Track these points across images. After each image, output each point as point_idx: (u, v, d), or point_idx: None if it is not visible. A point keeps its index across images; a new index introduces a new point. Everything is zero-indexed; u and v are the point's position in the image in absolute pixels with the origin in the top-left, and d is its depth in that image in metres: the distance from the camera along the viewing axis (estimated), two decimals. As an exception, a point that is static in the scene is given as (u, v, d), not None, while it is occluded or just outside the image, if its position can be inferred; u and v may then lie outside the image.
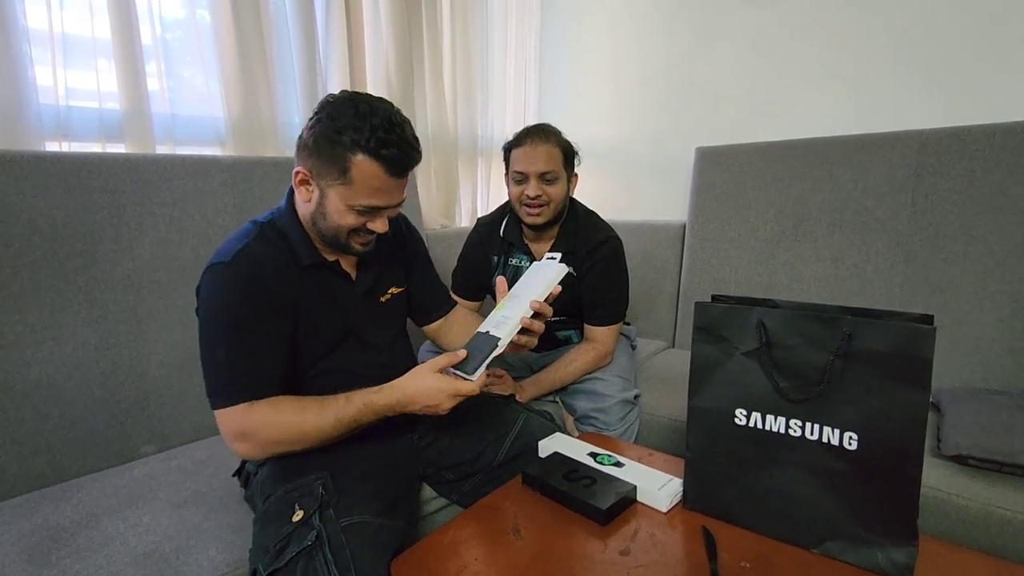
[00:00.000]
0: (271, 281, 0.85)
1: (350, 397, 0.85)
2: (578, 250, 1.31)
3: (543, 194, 1.24)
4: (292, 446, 0.84)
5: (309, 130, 0.84)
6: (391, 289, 1.04)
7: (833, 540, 0.73)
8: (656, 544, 0.77)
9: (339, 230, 0.87)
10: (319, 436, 0.84)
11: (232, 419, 0.82)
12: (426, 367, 0.85)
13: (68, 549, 0.81)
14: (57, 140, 1.17)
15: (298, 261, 0.89)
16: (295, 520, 0.75)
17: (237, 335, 0.82)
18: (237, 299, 0.82)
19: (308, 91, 1.57)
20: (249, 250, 0.84)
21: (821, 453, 0.74)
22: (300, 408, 0.83)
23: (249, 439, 0.82)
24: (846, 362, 0.72)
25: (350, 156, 0.81)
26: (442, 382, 0.83)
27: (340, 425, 0.83)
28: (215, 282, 0.83)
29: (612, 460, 0.95)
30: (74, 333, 1.07)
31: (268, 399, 0.83)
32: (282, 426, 0.82)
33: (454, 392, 0.83)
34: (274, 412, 0.82)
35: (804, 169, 1.56)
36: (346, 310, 0.95)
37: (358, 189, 0.83)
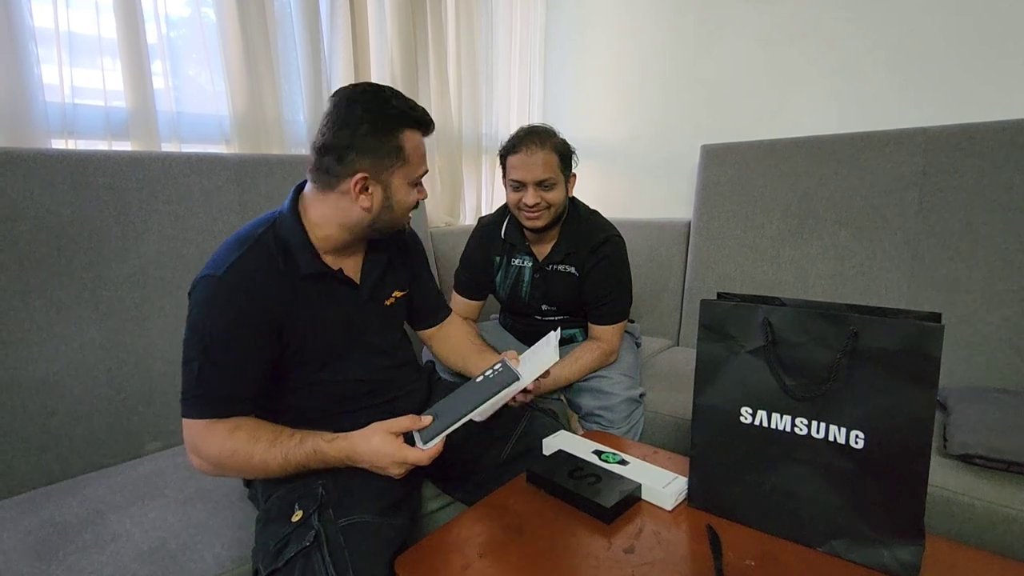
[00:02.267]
0: (260, 298, 0.82)
1: (303, 439, 0.82)
2: (580, 249, 1.31)
3: (542, 200, 1.23)
4: (240, 473, 0.85)
5: (342, 132, 0.83)
6: (395, 293, 1.04)
7: (839, 539, 0.73)
8: (661, 542, 0.77)
9: (405, 212, 0.93)
10: (263, 470, 0.81)
11: (191, 431, 0.81)
12: (382, 427, 0.82)
13: (75, 545, 0.82)
14: (63, 138, 1.18)
15: (296, 271, 0.87)
16: (294, 520, 0.75)
17: (212, 351, 0.80)
18: (220, 316, 0.81)
19: (313, 89, 1.57)
20: (242, 264, 0.82)
21: (827, 452, 0.73)
22: (253, 439, 0.81)
23: (200, 456, 0.81)
24: (853, 360, 0.71)
25: (399, 135, 0.86)
26: (389, 446, 0.80)
27: (287, 465, 0.81)
28: (203, 293, 0.81)
29: (617, 458, 0.94)
30: (80, 330, 1.07)
31: (230, 420, 0.82)
32: (230, 452, 0.80)
33: (400, 459, 0.79)
34: (227, 435, 0.80)
35: (810, 167, 1.56)
36: (351, 316, 0.95)
37: (413, 161, 0.89)
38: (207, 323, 0.81)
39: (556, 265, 1.34)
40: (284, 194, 1.35)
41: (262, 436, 0.81)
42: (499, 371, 0.89)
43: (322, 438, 0.82)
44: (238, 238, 0.87)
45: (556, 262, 1.33)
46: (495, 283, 1.42)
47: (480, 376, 0.91)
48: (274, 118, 1.49)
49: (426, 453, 0.80)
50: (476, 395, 0.86)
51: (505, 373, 0.88)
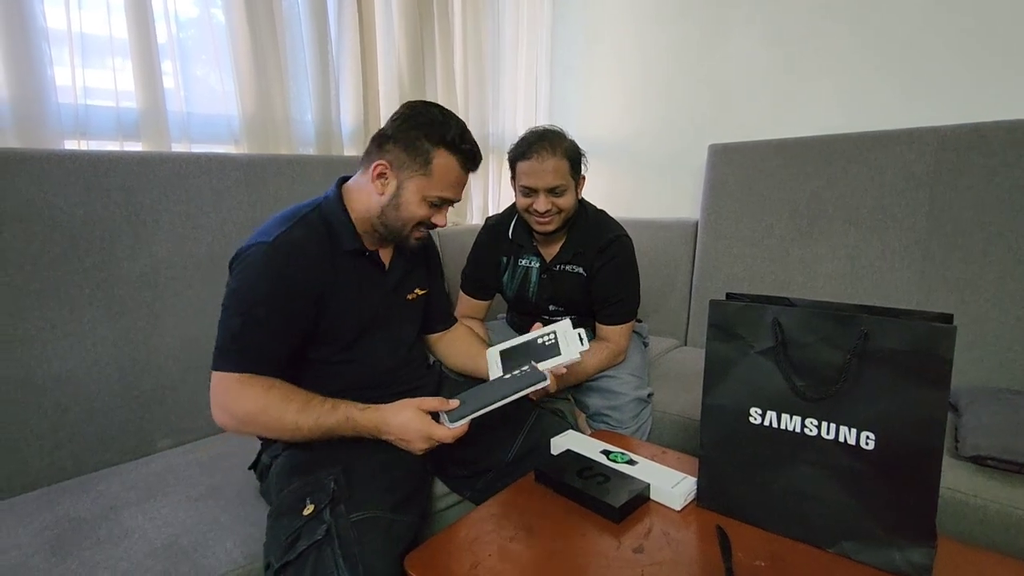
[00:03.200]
0: (305, 268, 0.88)
1: (336, 405, 0.87)
2: (588, 250, 1.31)
3: (553, 206, 1.23)
4: (265, 432, 0.88)
5: (393, 124, 0.93)
6: (416, 289, 1.09)
7: (849, 540, 0.73)
8: (670, 542, 0.77)
9: (409, 221, 0.94)
10: (293, 432, 0.85)
11: (223, 385, 0.85)
12: (413, 402, 0.88)
13: (89, 541, 0.83)
14: (76, 139, 1.19)
15: (338, 246, 0.93)
16: (306, 514, 0.76)
17: (257, 311, 0.85)
18: (268, 279, 0.86)
19: (320, 89, 1.58)
20: (291, 234, 0.88)
21: (837, 453, 0.73)
22: (286, 398, 0.85)
23: (229, 411, 0.85)
24: (863, 361, 0.71)
25: (434, 149, 0.91)
26: (419, 421, 0.86)
27: (317, 429, 0.85)
28: (253, 259, 0.86)
29: (625, 458, 0.95)
30: (93, 329, 1.08)
31: (264, 378, 0.86)
32: (262, 408, 0.84)
33: (427, 434, 0.85)
34: (262, 392, 0.85)
35: (819, 166, 1.55)
36: (375, 301, 0.99)
37: (436, 180, 0.92)
38: (255, 284, 0.86)
39: (564, 265, 1.34)
40: (293, 193, 1.37)
41: (295, 398, 0.86)
42: (527, 371, 0.95)
43: (354, 406, 0.87)
44: (284, 215, 0.92)
45: (564, 262, 1.33)
46: (502, 283, 1.42)
47: (508, 374, 0.96)
48: (282, 118, 1.50)
49: (452, 432, 0.85)
50: (505, 388, 0.91)
51: (533, 373, 0.94)
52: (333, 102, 1.61)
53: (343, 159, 1.57)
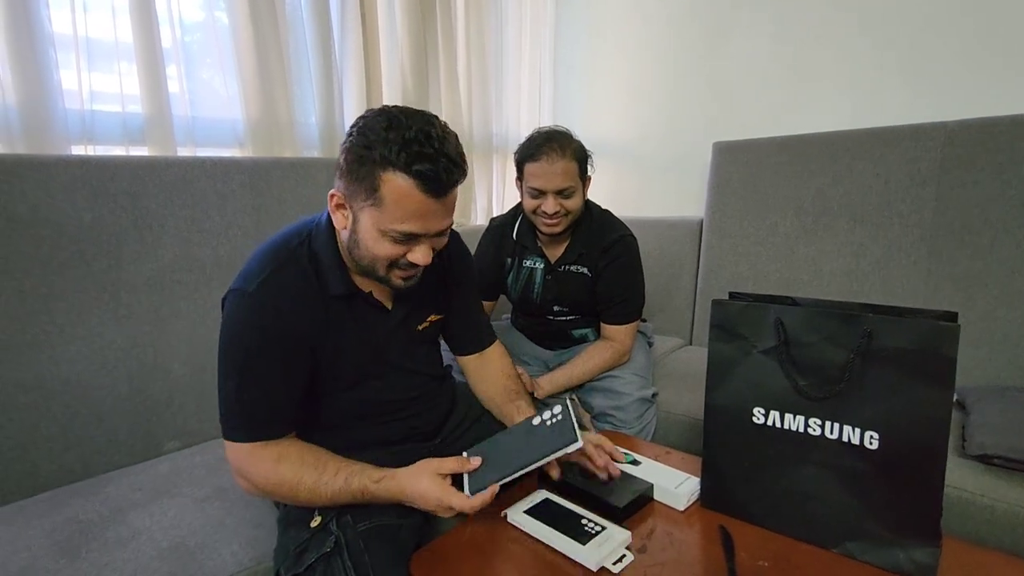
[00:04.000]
0: (292, 317, 0.79)
1: (349, 480, 0.78)
2: (593, 249, 1.30)
3: (561, 208, 1.22)
4: (284, 500, 0.81)
5: (341, 149, 0.77)
6: (430, 317, 0.97)
7: (853, 540, 0.72)
8: (673, 542, 0.77)
9: (375, 260, 0.78)
10: (308, 502, 0.79)
11: (236, 454, 0.79)
12: (430, 468, 0.78)
13: (97, 543, 0.84)
14: (82, 144, 1.20)
15: (327, 289, 0.82)
16: (313, 526, 0.76)
17: (248, 370, 0.78)
18: (253, 331, 0.78)
19: (324, 91, 1.58)
20: (274, 279, 0.78)
21: (841, 452, 0.73)
22: (298, 471, 0.78)
23: (247, 479, 0.80)
24: (867, 360, 0.71)
25: (379, 173, 0.72)
26: (437, 490, 0.76)
27: (335, 503, 0.78)
28: (233, 312, 0.79)
29: (629, 458, 0.95)
30: (101, 333, 1.09)
31: (275, 446, 0.79)
32: (276, 483, 0.78)
33: (447, 505, 0.75)
34: (272, 466, 0.78)
35: (824, 163, 1.54)
36: (378, 342, 0.89)
37: (390, 211, 0.74)
38: (239, 340, 0.78)
39: (568, 266, 1.34)
40: (297, 197, 1.38)
41: (306, 469, 0.78)
42: (557, 421, 0.80)
43: (369, 478, 0.78)
44: (272, 249, 0.82)
45: (568, 263, 1.33)
46: (506, 284, 1.42)
47: (537, 419, 0.83)
48: (286, 121, 1.51)
49: (473, 503, 0.75)
50: (531, 451, 0.78)
51: (564, 430, 0.78)
52: (337, 104, 1.61)
53: (347, 161, 1.57)
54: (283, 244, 0.83)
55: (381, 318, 0.90)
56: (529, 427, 0.83)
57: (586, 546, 0.73)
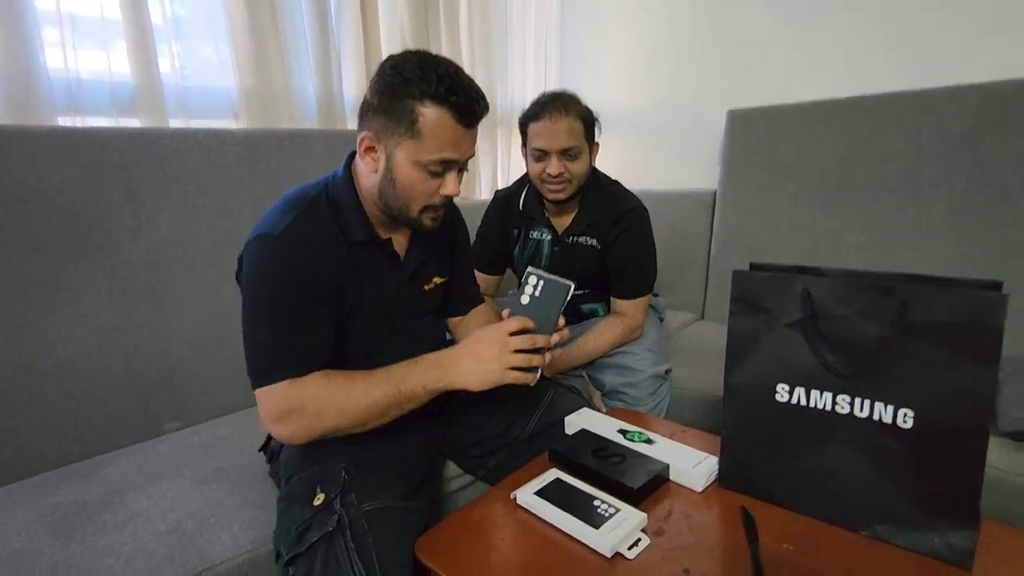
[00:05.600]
0: (318, 261, 0.80)
1: (390, 373, 0.81)
2: (602, 221, 1.25)
3: (565, 171, 1.17)
4: (340, 418, 0.78)
5: (372, 89, 0.80)
6: (435, 279, 0.99)
7: (884, 522, 0.68)
8: (692, 525, 0.73)
9: (410, 200, 0.82)
10: (367, 409, 0.78)
11: (275, 397, 0.77)
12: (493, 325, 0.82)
13: (93, 525, 0.81)
14: (69, 115, 1.15)
15: (349, 237, 0.84)
16: (316, 504, 0.73)
17: (281, 312, 0.78)
18: (282, 276, 0.78)
19: (321, 58, 1.52)
20: (298, 224, 0.79)
21: (872, 431, 0.68)
22: (349, 379, 0.79)
23: (294, 416, 0.76)
24: (902, 334, 0.66)
25: (418, 106, 0.77)
26: (493, 329, 0.81)
27: (389, 388, 0.79)
28: (260, 255, 0.78)
29: (643, 437, 0.91)
30: (96, 312, 1.06)
31: (316, 373, 0.79)
32: (332, 392, 0.77)
33: (505, 343, 0.79)
34: (322, 381, 0.78)
35: (847, 130, 1.46)
36: (389, 296, 0.90)
37: (428, 141, 0.78)
38: (271, 281, 0.78)
39: (576, 237, 1.29)
40: (294, 169, 1.33)
41: (355, 377, 0.80)
42: (544, 284, 0.85)
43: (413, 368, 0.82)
44: (290, 200, 0.83)
45: (576, 234, 1.28)
46: (513, 257, 1.37)
47: (525, 297, 0.85)
48: (282, 89, 1.45)
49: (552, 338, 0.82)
50: (547, 313, 0.83)
51: (554, 287, 0.84)
52: (335, 72, 1.55)
53: (346, 133, 1.52)
54: (301, 195, 0.84)
55: (394, 272, 0.91)
56: (523, 304, 0.85)
57: (599, 530, 0.69)
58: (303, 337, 0.79)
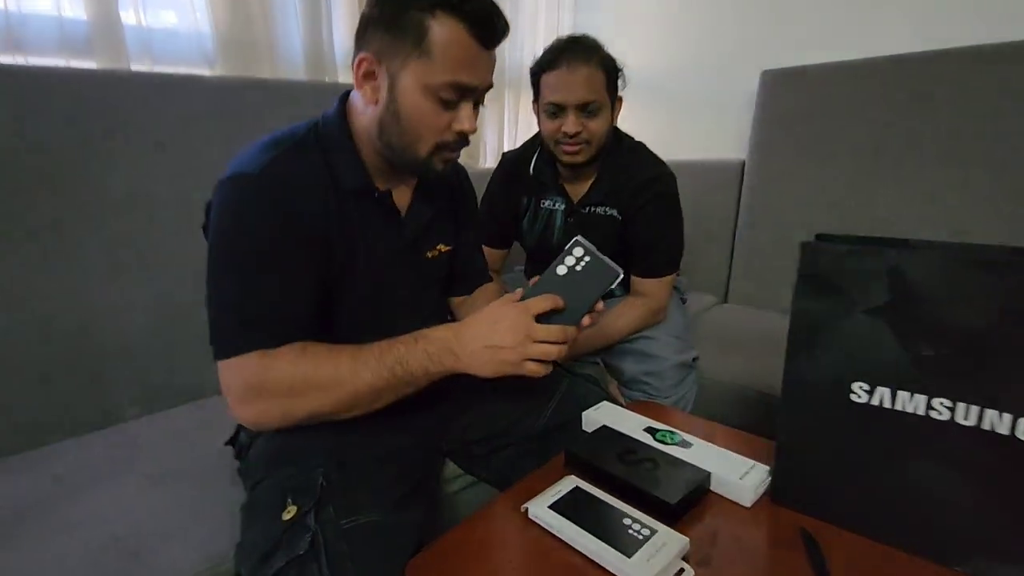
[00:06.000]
0: (304, 208, 0.67)
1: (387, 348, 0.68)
2: (624, 189, 1.10)
3: (583, 130, 1.02)
4: (321, 401, 0.65)
5: (371, 3, 0.69)
6: (439, 246, 0.87)
7: (987, 557, 0.55)
8: (743, 551, 0.60)
9: (418, 136, 0.69)
10: (350, 394, 0.66)
11: (242, 371, 0.64)
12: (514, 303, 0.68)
13: (23, 533, 0.68)
14: (8, 53, 0.99)
15: (340, 184, 0.71)
16: (286, 518, 0.60)
17: (255, 263, 0.65)
18: (258, 222, 0.65)
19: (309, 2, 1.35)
20: (281, 163, 0.67)
21: (979, 443, 0.55)
22: (333, 353, 0.67)
23: (264, 395, 0.64)
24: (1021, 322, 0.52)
25: (428, 19, 0.65)
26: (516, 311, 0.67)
27: (380, 368, 0.66)
28: (233, 197, 0.65)
29: (676, 438, 0.77)
30: (45, 283, 0.92)
31: (294, 344, 0.66)
32: (306, 373, 0.64)
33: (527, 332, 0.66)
34: (300, 356, 0.65)
35: (894, 92, 1.31)
36: (386, 257, 0.78)
37: (439, 61, 0.66)
38: (242, 229, 0.65)
39: (594, 207, 1.14)
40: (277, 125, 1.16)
41: (342, 351, 0.67)
42: (589, 262, 0.71)
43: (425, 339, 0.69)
44: (272, 139, 0.71)
45: (594, 204, 1.13)
46: (521, 229, 1.23)
47: (562, 268, 0.71)
48: (264, 37, 1.29)
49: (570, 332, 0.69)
50: (581, 294, 0.70)
51: (600, 267, 0.70)
52: (324, 19, 1.38)
53: (337, 86, 1.36)
54: (286, 134, 0.72)
55: (392, 231, 0.78)
56: (558, 276, 0.71)
57: (633, 559, 0.56)
58: (280, 298, 0.66)
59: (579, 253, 0.71)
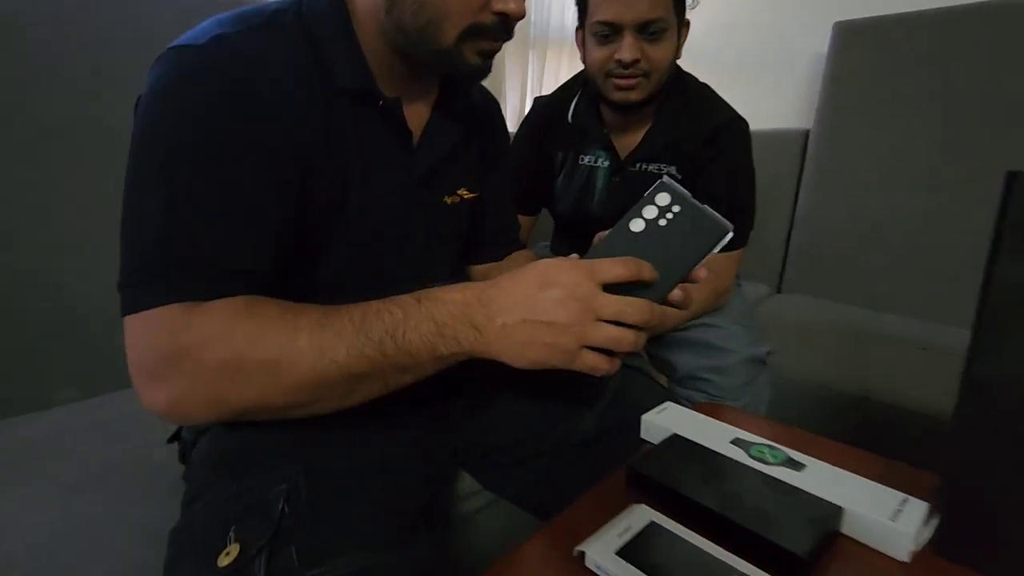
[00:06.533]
0: (274, 106, 0.47)
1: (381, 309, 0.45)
2: (687, 141, 0.90)
3: (643, 57, 0.82)
4: (269, 386, 0.43)
5: None
6: (462, 190, 0.67)
7: None
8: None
9: (444, 12, 0.49)
10: (320, 374, 0.43)
11: (152, 332, 0.43)
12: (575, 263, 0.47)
13: None
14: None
15: (330, 82, 0.51)
16: (223, 564, 0.39)
17: (192, 177, 0.44)
18: (206, 113, 0.44)
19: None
20: (243, 38, 0.47)
21: None
22: (288, 316, 0.44)
23: (183, 368, 0.42)
24: None
25: None
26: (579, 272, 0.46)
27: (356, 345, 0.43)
28: (171, 76, 0.45)
29: (779, 455, 0.56)
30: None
31: (233, 299, 0.44)
32: (244, 345, 0.42)
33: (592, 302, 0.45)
34: (247, 312, 0.44)
35: (998, 46, 1.10)
36: (386, 197, 0.57)
37: None
38: (181, 122, 0.44)
39: (646, 164, 0.93)
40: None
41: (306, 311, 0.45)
42: (680, 212, 0.50)
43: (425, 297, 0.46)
44: (235, 14, 0.50)
45: (647, 159, 0.93)
46: (554, 189, 1.02)
47: (638, 223, 0.50)
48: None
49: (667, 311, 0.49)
50: (674, 253, 0.50)
51: (701, 219, 0.50)
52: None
53: None
54: (255, 9, 0.51)
55: (399, 158, 0.58)
56: (633, 234, 0.50)
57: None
58: (226, 232, 0.45)
59: (664, 200, 0.51)
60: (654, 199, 0.51)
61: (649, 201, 0.51)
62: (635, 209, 0.51)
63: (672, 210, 0.51)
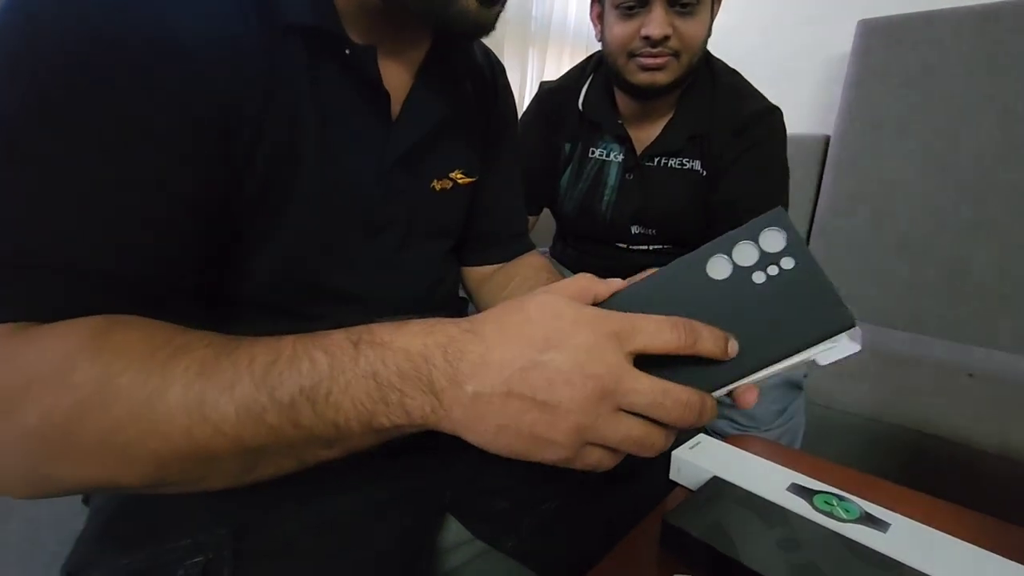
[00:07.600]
0: (177, 39, 0.32)
1: (297, 348, 0.31)
2: (715, 131, 0.80)
3: (673, 34, 0.72)
4: (109, 457, 0.28)
5: None
6: (456, 173, 0.53)
7: None
8: None
9: None
10: (205, 436, 0.28)
11: None
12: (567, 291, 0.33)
13: None
14: None
15: (275, 16, 0.37)
16: None
17: (56, 149, 0.30)
18: (66, 57, 0.30)
19: None
20: None
21: None
22: (153, 350, 0.30)
23: (15, 416, 0.27)
24: None
25: None
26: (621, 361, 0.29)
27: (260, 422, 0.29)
28: (28, 6, 0.30)
29: (853, 510, 0.45)
30: None
31: (90, 319, 0.30)
32: (102, 378, 0.28)
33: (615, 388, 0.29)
34: (95, 341, 0.29)
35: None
36: (354, 181, 0.44)
37: None
38: (45, 69, 0.30)
39: (666, 159, 0.83)
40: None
41: (184, 344, 0.30)
42: (799, 270, 0.32)
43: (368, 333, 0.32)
44: None
45: (668, 153, 0.83)
46: (558, 187, 0.91)
47: (724, 261, 0.33)
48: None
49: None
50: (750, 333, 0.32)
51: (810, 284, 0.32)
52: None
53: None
54: None
55: (374, 128, 0.44)
56: (710, 281, 0.33)
57: None
58: (78, 216, 0.31)
59: (774, 244, 0.33)
60: (757, 237, 0.33)
61: (748, 237, 0.33)
62: (719, 243, 0.34)
63: (781, 264, 0.33)
